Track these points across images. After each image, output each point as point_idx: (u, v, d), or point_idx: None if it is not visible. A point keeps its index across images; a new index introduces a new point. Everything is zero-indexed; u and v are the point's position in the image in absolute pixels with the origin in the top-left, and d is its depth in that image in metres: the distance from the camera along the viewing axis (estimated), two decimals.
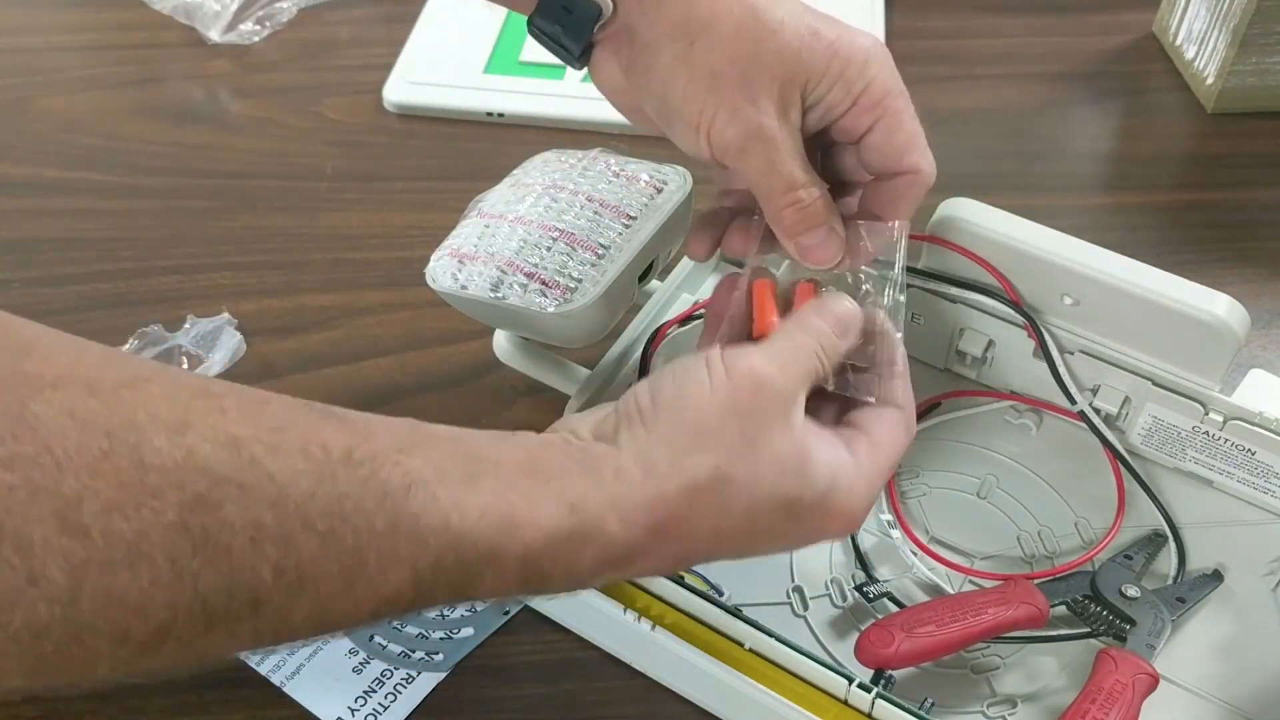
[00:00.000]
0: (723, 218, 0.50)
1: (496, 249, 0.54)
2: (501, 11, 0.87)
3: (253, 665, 0.52)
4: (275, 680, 0.52)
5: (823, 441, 0.42)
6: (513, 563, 0.37)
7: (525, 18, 0.49)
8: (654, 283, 0.60)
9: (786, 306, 0.46)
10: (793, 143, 0.46)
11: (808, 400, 0.42)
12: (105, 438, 0.31)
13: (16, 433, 0.30)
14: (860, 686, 0.46)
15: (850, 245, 0.47)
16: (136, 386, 0.33)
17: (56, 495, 0.30)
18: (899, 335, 0.46)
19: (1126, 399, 0.57)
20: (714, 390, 0.41)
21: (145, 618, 0.31)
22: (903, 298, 0.47)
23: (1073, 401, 0.56)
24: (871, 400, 0.45)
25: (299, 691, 0.51)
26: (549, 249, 0.53)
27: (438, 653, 0.53)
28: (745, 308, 0.47)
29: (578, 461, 0.39)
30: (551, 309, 0.52)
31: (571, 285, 0.52)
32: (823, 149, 0.50)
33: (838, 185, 0.50)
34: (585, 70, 0.50)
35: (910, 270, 0.58)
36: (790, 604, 0.54)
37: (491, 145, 0.78)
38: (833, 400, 0.45)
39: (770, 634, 0.48)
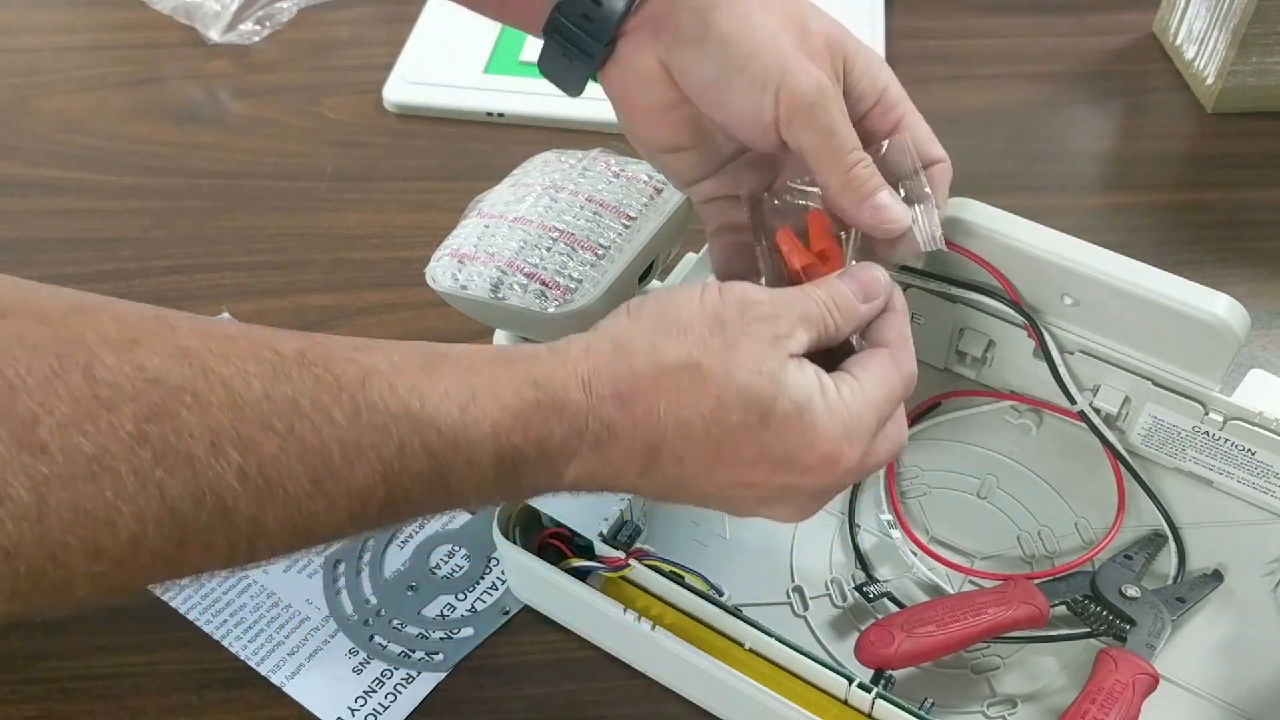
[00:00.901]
0: (746, 248, 0.49)
1: (496, 249, 0.54)
2: None
3: (253, 665, 0.52)
4: (275, 680, 0.52)
5: (805, 366, 0.41)
6: (483, 444, 0.37)
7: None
8: (654, 283, 0.60)
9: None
10: (845, 112, 0.46)
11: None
12: (55, 359, 0.31)
13: None
14: (860, 686, 0.46)
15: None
16: (86, 313, 0.33)
17: (12, 415, 0.30)
18: (889, 278, 0.46)
19: (1126, 399, 0.57)
20: (703, 301, 0.41)
21: (114, 531, 0.32)
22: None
23: (1073, 401, 0.56)
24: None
25: (299, 691, 0.51)
26: (549, 249, 0.53)
27: (438, 653, 0.53)
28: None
29: (548, 347, 0.40)
30: (551, 309, 0.52)
31: (571, 285, 0.52)
32: None
33: None
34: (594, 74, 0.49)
35: (910, 270, 0.58)
36: (790, 604, 0.54)
37: (491, 145, 0.78)
38: None
39: (770, 634, 0.48)
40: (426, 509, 0.39)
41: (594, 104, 0.79)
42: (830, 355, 0.44)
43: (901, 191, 0.47)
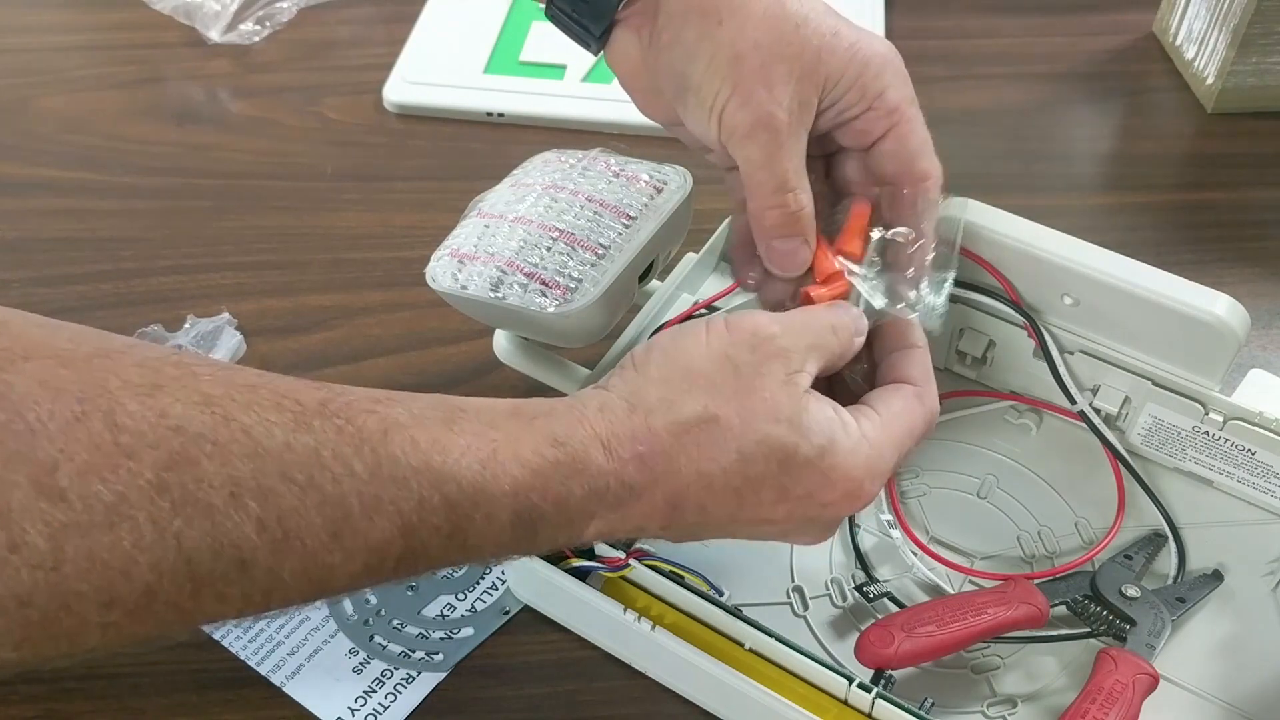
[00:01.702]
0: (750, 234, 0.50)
1: (496, 249, 0.54)
2: (501, 11, 0.87)
3: (253, 665, 0.52)
4: (275, 680, 0.52)
5: (825, 404, 0.41)
6: (502, 500, 0.37)
7: (534, 10, 0.50)
8: (654, 283, 0.60)
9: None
10: (797, 143, 0.46)
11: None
12: (77, 403, 0.31)
13: None
14: (860, 686, 0.46)
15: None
16: (108, 356, 0.33)
17: (31, 460, 0.30)
18: (915, 315, 0.47)
19: (1126, 399, 0.57)
20: (710, 342, 0.41)
21: (130, 580, 0.31)
22: (941, 294, 0.48)
23: (1073, 401, 0.56)
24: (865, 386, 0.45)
25: (299, 691, 0.51)
26: (549, 249, 0.53)
27: (438, 653, 0.53)
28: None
29: (564, 403, 0.40)
30: (551, 309, 0.52)
31: (571, 285, 0.52)
32: (827, 156, 0.50)
33: (834, 192, 0.50)
34: (588, 70, 0.50)
35: None
36: (790, 604, 0.54)
37: (491, 145, 0.78)
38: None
39: (770, 634, 0.48)
40: (442, 563, 0.38)
41: (594, 104, 0.80)
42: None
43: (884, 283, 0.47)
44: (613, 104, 0.79)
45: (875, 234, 0.48)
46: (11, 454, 0.30)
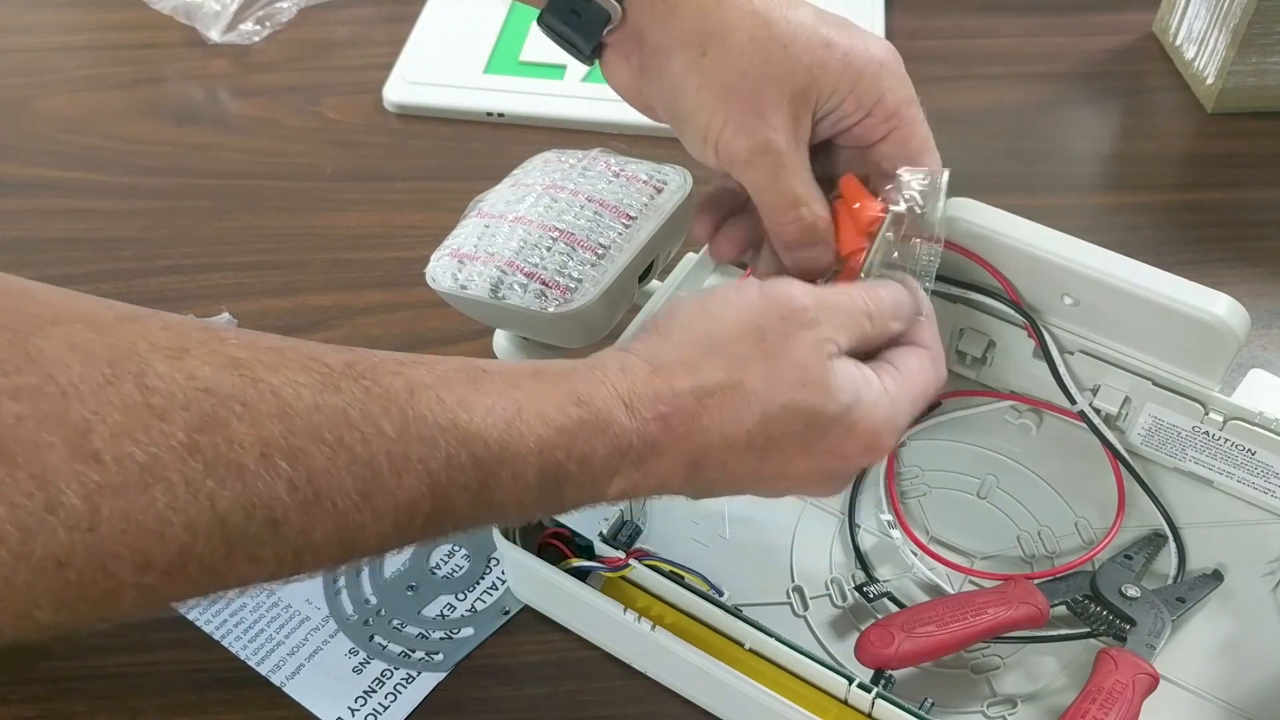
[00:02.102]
0: (726, 200, 0.50)
1: (496, 249, 0.54)
2: (501, 11, 0.87)
3: (253, 665, 0.52)
4: (275, 680, 0.52)
5: (848, 362, 0.42)
6: (527, 457, 0.37)
7: (533, 12, 0.50)
8: (654, 283, 0.60)
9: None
10: (799, 158, 0.46)
11: None
12: (108, 365, 0.31)
13: (20, 365, 0.30)
14: (860, 686, 0.46)
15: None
16: (135, 320, 0.33)
17: (65, 423, 0.30)
18: (923, 286, 0.48)
19: (1126, 399, 0.57)
20: (740, 309, 0.41)
21: (165, 541, 0.31)
22: (935, 259, 0.49)
23: (1073, 401, 0.56)
24: None
25: (299, 691, 0.51)
26: (549, 249, 0.53)
27: (438, 653, 0.53)
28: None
29: (584, 364, 0.40)
30: (551, 309, 0.52)
31: (571, 285, 0.52)
32: (825, 142, 0.50)
33: (830, 178, 0.50)
34: (588, 70, 0.50)
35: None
36: (790, 604, 0.54)
37: (491, 145, 0.78)
38: None
39: (770, 634, 0.48)
40: (469, 522, 0.38)
41: (594, 104, 0.80)
42: None
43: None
44: (613, 104, 0.78)
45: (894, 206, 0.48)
46: (45, 416, 0.30)
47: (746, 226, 0.50)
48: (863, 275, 0.48)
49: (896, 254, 0.48)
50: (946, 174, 0.49)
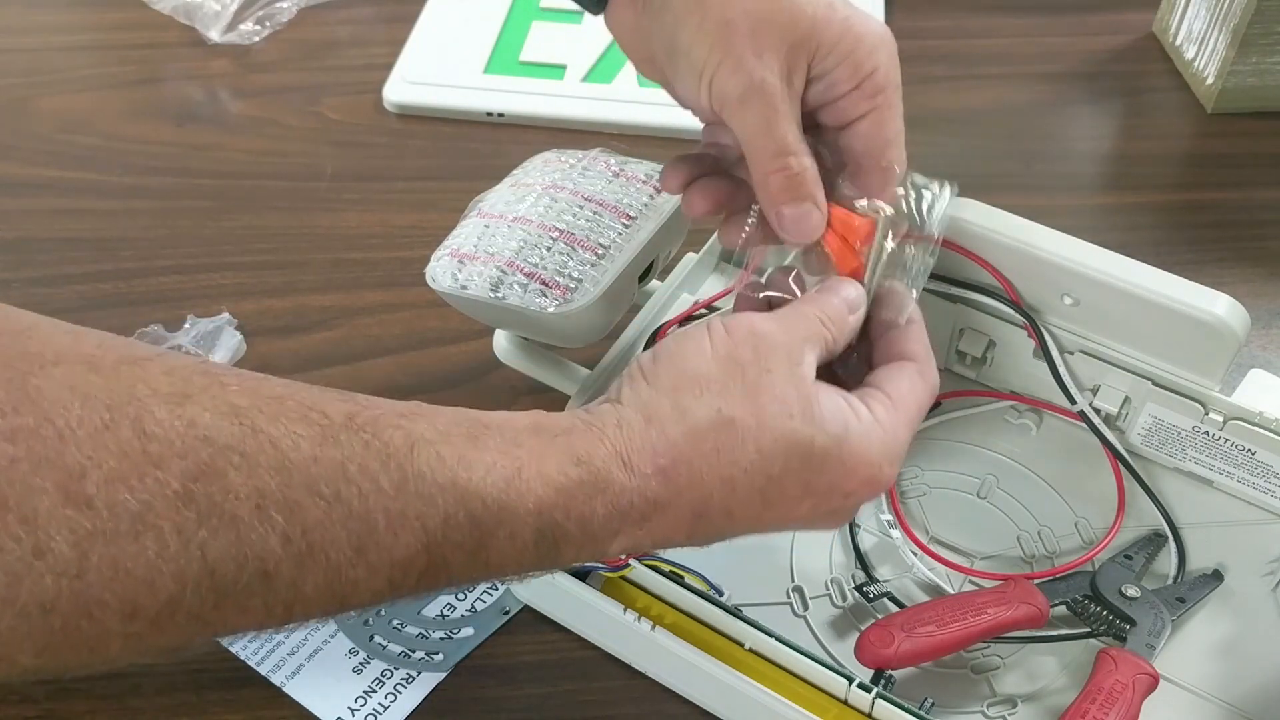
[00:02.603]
0: (704, 162, 0.50)
1: (496, 249, 0.54)
2: (501, 11, 0.87)
3: (253, 665, 0.52)
4: (275, 680, 0.52)
5: (833, 392, 0.42)
6: (526, 519, 0.37)
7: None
8: (654, 283, 0.60)
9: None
10: (791, 108, 0.45)
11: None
12: (106, 410, 0.31)
13: (18, 406, 0.30)
14: (860, 686, 0.46)
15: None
16: (136, 364, 0.33)
17: (59, 467, 0.30)
18: (908, 290, 0.47)
19: (1126, 399, 0.57)
20: (713, 346, 0.41)
21: (154, 590, 0.31)
22: (931, 259, 0.48)
23: (1073, 401, 0.56)
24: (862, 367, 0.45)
25: (299, 691, 0.51)
26: (549, 249, 0.53)
27: (438, 653, 0.53)
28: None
29: (582, 420, 0.40)
30: (551, 309, 0.52)
31: (571, 285, 0.52)
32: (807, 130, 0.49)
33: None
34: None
35: None
36: (790, 604, 0.54)
37: (491, 145, 0.78)
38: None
39: (770, 634, 0.48)
40: (464, 579, 0.38)
41: (594, 104, 0.80)
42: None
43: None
44: (613, 104, 0.79)
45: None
46: (40, 460, 0.29)
47: (721, 186, 0.49)
48: (865, 282, 0.47)
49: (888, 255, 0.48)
50: (949, 188, 0.48)
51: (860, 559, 0.55)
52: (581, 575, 0.51)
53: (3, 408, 0.30)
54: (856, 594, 0.53)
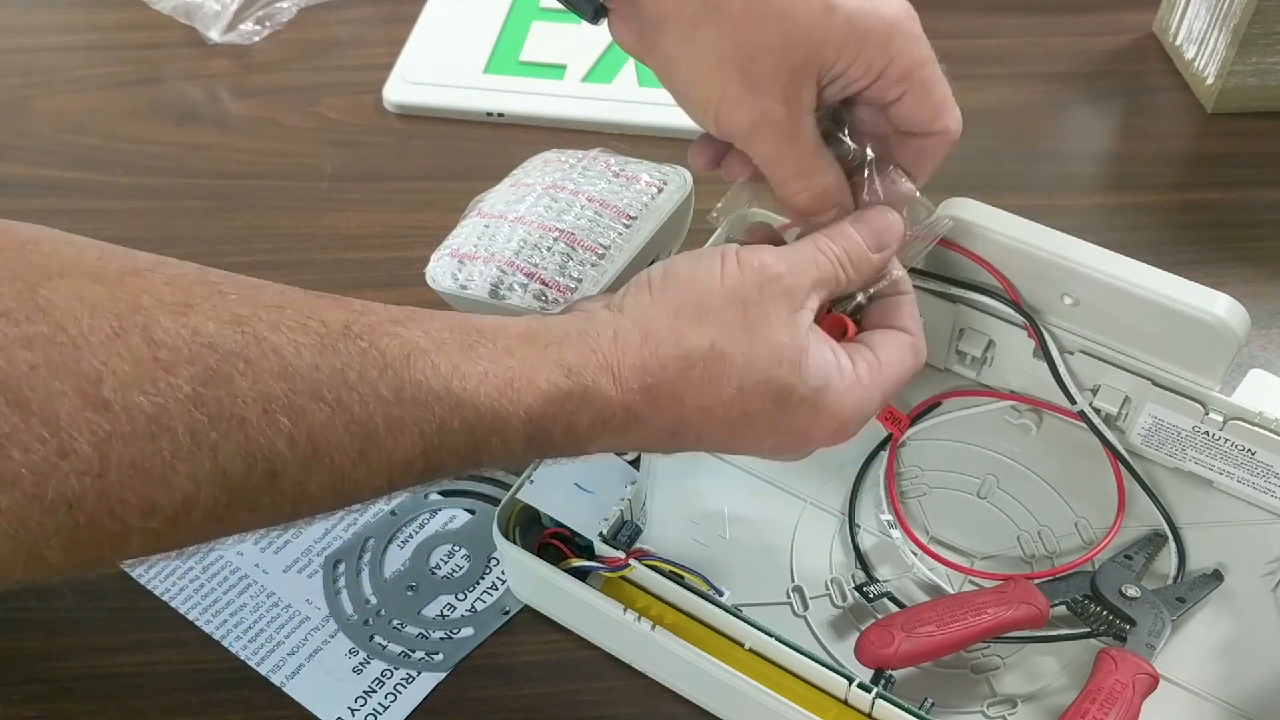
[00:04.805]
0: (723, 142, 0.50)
1: (496, 249, 0.54)
2: (501, 11, 0.87)
3: (253, 665, 0.52)
4: (275, 680, 0.52)
5: (824, 344, 0.43)
6: (517, 425, 0.39)
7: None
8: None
9: None
10: (802, 128, 0.45)
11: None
12: (115, 319, 0.32)
13: (30, 315, 0.31)
14: (860, 686, 0.46)
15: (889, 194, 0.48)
16: (138, 274, 0.34)
17: (76, 372, 0.31)
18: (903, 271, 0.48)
19: (1126, 399, 0.57)
20: (724, 276, 0.42)
21: (170, 489, 0.32)
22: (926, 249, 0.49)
23: (1073, 401, 0.56)
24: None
25: (299, 691, 0.51)
26: (549, 249, 0.53)
27: (438, 653, 0.53)
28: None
29: (577, 329, 0.41)
30: (551, 309, 0.52)
31: (571, 285, 0.53)
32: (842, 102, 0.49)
33: (856, 135, 0.49)
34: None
35: (910, 270, 0.58)
36: (790, 604, 0.54)
37: (491, 145, 0.78)
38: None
39: (770, 634, 0.48)
40: (457, 474, 0.41)
41: (594, 104, 0.80)
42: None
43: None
44: (613, 104, 0.79)
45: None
46: (58, 366, 0.31)
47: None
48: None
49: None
50: (946, 222, 0.50)
51: (860, 559, 0.55)
52: (581, 575, 0.51)
53: (16, 316, 0.31)
54: (856, 594, 0.53)
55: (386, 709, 0.51)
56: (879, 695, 0.46)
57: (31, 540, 0.31)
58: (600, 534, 0.51)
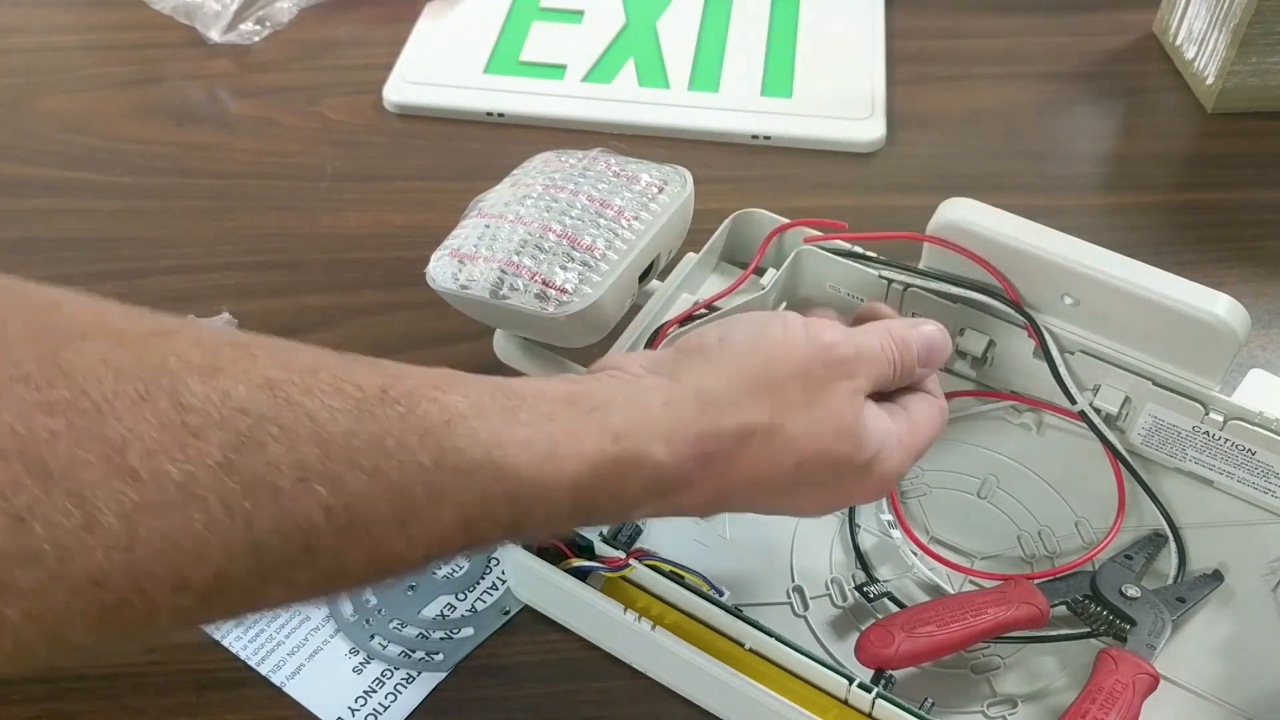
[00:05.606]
0: None
1: (496, 249, 0.54)
2: (501, 11, 0.87)
3: (253, 665, 0.52)
4: (275, 680, 0.52)
5: (878, 413, 0.44)
6: (562, 495, 0.37)
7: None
8: (654, 283, 0.60)
9: None
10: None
11: None
12: (140, 382, 0.30)
13: (52, 379, 0.29)
14: (860, 686, 0.46)
15: None
16: (164, 336, 0.33)
17: (101, 439, 0.29)
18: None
19: (1126, 399, 0.57)
20: (789, 349, 0.42)
21: (202, 563, 0.30)
22: None
23: (1073, 401, 0.56)
24: None
25: (299, 691, 0.51)
26: (549, 249, 0.53)
27: (438, 653, 0.53)
28: None
29: (623, 392, 0.40)
30: (552, 309, 0.52)
31: (571, 285, 0.53)
32: None
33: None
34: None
35: (911, 270, 0.58)
36: (790, 604, 0.54)
37: (491, 145, 0.78)
38: None
39: (770, 634, 0.48)
40: (501, 545, 0.39)
41: (594, 104, 0.80)
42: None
43: None
44: (613, 104, 0.79)
45: None
46: (82, 432, 0.29)
47: None
48: None
49: None
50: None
51: (860, 559, 0.55)
52: (581, 575, 0.51)
53: (36, 381, 0.29)
54: (857, 594, 0.53)
55: (386, 709, 0.51)
56: (879, 695, 0.46)
57: (55, 621, 0.29)
58: (600, 534, 0.51)
